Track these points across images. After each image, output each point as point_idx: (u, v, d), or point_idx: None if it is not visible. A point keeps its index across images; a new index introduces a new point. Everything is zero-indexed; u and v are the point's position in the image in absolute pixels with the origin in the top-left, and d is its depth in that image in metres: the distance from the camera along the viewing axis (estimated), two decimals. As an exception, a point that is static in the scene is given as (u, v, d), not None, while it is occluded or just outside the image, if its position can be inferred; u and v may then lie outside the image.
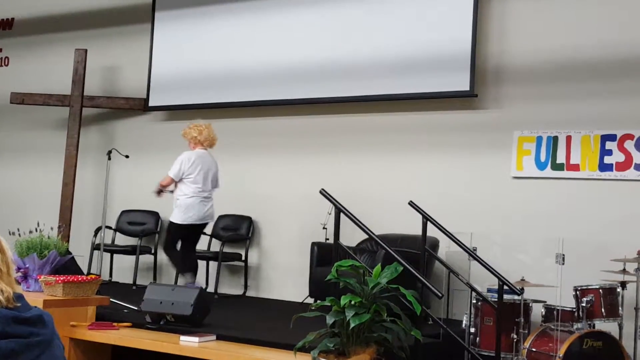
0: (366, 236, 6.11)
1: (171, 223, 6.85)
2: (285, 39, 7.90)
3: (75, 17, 9.51)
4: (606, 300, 5.35)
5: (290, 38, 7.87)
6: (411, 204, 6.26)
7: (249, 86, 8.06)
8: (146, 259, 8.47)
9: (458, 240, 5.90)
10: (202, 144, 6.87)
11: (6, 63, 10.15)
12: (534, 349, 5.22)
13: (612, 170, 6.33)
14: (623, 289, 5.45)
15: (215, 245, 7.96)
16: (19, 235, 5.88)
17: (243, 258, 7.95)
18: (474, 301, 5.52)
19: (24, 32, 10.00)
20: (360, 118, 7.61)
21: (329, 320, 4.42)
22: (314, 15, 7.76)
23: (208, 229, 8.08)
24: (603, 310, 5.33)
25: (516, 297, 5.38)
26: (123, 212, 8.71)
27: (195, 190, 6.71)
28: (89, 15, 9.41)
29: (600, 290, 5.35)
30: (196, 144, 6.88)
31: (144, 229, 8.46)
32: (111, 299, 5.80)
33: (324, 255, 6.60)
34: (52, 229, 6.19)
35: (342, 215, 5.72)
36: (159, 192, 6.88)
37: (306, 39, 7.77)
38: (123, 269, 8.49)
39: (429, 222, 6.08)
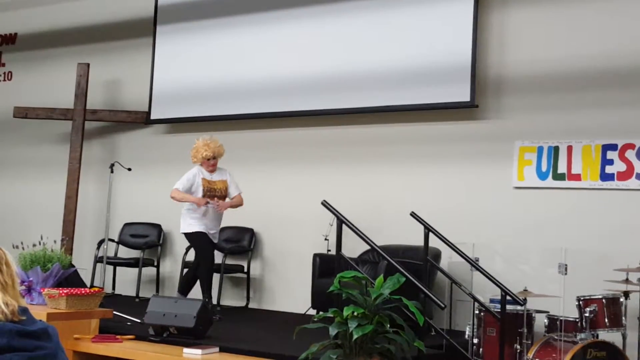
0: (368, 247, 6.11)
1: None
2: (286, 51, 7.93)
3: (78, 32, 9.56)
4: (609, 310, 5.33)
5: (291, 51, 7.90)
6: (413, 214, 6.27)
7: (250, 98, 8.08)
8: (149, 271, 8.47)
9: (460, 251, 5.90)
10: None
11: (9, 77, 10.19)
12: (537, 360, 5.21)
13: (613, 179, 6.33)
14: (626, 299, 5.43)
15: (218, 257, 7.93)
16: (23, 248, 5.90)
17: (245, 270, 7.96)
18: (477, 312, 5.51)
19: (26, 46, 10.05)
20: (361, 130, 7.63)
21: (332, 331, 4.43)
22: (315, 28, 7.79)
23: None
24: (606, 320, 5.31)
25: (519, 307, 5.37)
26: (126, 224, 8.73)
27: None
28: (91, 29, 9.46)
29: (604, 300, 5.34)
30: None
31: (146, 241, 8.46)
32: (114, 312, 5.81)
33: (326, 266, 6.61)
34: (55, 242, 6.21)
35: (344, 226, 5.73)
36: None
37: (307, 51, 7.80)
38: (126, 281, 8.49)
39: (430, 233, 6.09)
